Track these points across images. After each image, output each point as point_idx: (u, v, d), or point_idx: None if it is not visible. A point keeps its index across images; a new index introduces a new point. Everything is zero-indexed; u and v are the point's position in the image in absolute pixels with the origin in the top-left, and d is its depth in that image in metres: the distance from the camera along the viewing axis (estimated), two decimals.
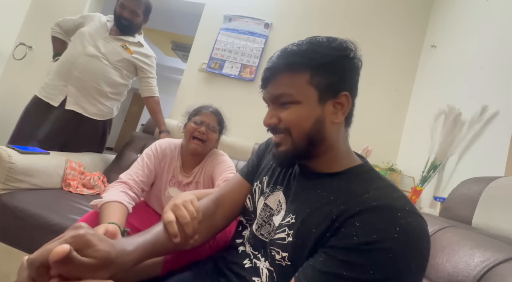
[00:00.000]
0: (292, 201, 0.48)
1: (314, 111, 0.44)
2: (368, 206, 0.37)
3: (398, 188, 0.42)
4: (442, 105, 1.11)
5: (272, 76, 0.46)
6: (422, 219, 0.37)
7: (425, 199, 1.15)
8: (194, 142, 0.89)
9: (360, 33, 1.76)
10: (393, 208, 0.36)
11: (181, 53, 4.08)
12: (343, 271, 0.34)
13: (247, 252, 0.51)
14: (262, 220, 0.51)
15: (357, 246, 0.34)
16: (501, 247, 0.42)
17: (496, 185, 0.57)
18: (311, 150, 0.45)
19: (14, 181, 0.99)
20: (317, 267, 0.36)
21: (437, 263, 0.46)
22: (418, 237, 0.35)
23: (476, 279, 0.38)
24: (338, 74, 0.44)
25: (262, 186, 0.55)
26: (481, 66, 1.06)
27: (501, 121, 0.87)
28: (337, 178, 0.45)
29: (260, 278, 0.46)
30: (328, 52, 0.44)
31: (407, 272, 0.33)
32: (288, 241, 0.43)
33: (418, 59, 1.68)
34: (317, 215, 0.41)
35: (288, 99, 0.44)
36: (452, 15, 1.44)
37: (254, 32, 1.84)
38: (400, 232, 0.33)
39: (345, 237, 0.36)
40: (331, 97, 0.44)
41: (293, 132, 0.45)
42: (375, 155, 1.33)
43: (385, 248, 0.33)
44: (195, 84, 1.86)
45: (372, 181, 0.42)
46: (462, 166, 1.01)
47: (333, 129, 0.45)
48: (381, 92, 1.70)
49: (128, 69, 1.45)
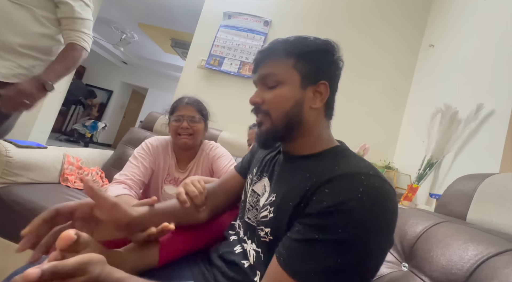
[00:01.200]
0: (274, 183, 0.52)
1: (295, 93, 0.49)
2: (336, 174, 0.40)
3: (368, 162, 0.45)
4: (439, 104, 1.12)
5: (263, 58, 0.52)
6: (386, 182, 0.40)
7: (421, 196, 1.16)
8: (182, 137, 0.89)
9: (359, 31, 1.76)
10: (357, 173, 0.40)
11: (180, 51, 4.06)
12: (315, 235, 0.36)
13: (238, 239, 0.55)
14: (250, 205, 0.55)
15: (326, 209, 0.37)
16: (494, 241, 0.42)
17: (491, 182, 0.58)
18: (289, 131, 0.50)
19: (11, 175, 0.99)
20: (293, 237, 0.39)
21: (431, 257, 0.46)
22: (381, 196, 0.37)
23: (469, 272, 0.39)
24: (319, 64, 0.50)
25: (252, 176, 0.60)
26: (477, 65, 1.07)
27: (496, 119, 0.88)
28: (313, 159, 0.49)
29: (249, 260, 0.49)
30: (313, 45, 0.50)
31: (373, 229, 0.36)
32: (270, 217, 0.47)
33: (416, 58, 1.69)
34: (293, 191, 0.44)
35: (275, 78, 0.49)
36: (450, 15, 1.45)
37: (254, 30, 1.84)
38: (363, 192, 0.36)
39: (316, 203, 0.39)
40: (312, 83, 0.49)
41: (272, 114, 0.49)
42: (372, 152, 1.34)
43: (350, 207, 0.36)
44: (194, 81, 1.86)
45: (344, 157, 0.47)
46: (457, 164, 1.02)
47: (311, 114, 0.50)
48: (379, 91, 1.71)
49: (43, 7, 0.93)
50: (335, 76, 0.52)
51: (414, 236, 0.54)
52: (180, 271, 0.52)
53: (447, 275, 0.41)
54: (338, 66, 0.52)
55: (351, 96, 1.73)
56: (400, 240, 0.57)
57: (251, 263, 0.48)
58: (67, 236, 0.32)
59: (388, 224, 0.38)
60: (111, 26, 3.64)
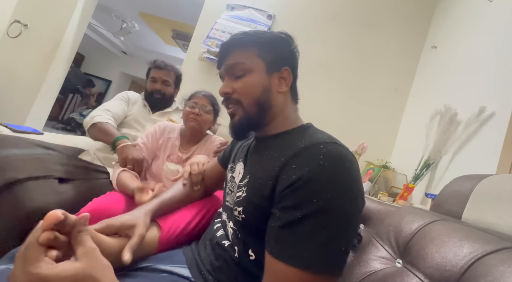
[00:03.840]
0: (247, 165, 0.55)
1: (262, 80, 0.52)
2: (299, 148, 0.43)
3: (329, 134, 0.48)
4: (438, 106, 1.12)
5: (228, 50, 0.54)
6: (343, 147, 0.43)
7: (416, 195, 1.17)
8: (191, 121, 0.98)
9: (362, 31, 1.75)
10: (316, 143, 0.43)
11: (181, 42, 4.01)
12: (296, 214, 0.38)
13: (221, 223, 0.58)
14: (229, 190, 0.59)
15: (296, 183, 0.39)
16: (489, 239, 0.43)
17: (488, 182, 0.59)
18: (261, 116, 0.53)
19: None
20: (277, 224, 0.40)
21: (426, 254, 0.47)
22: (339, 158, 0.41)
23: (464, 269, 0.39)
24: (280, 52, 0.54)
25: (230, 164, 0.65)
26: (480, 68, 1.06)
27: (495, 121, 0.89)
28: (281, 137, 0.52)
29: (229, 240, 0.51)
30: (271, 35, 0.55)
31: (342, 189, 0.39)
32: (243, 197, 0.49)
33: (418, 59, 1.69)
34: (263, 170, 0.48)
35: (242, 67, 0.52)
36: (454, 16, 1.44)
37: (257, 21, 1.81)
38: (324, 158, 0.40)
39: (286, 180, 0.41)
40: (276, 70, 0.53)
41: (243, 101, 0.52)
42: (370, 151, 1.34)
43: (315, 175, 0.39)
44: (195, 73, 1.84)
45: (308, 133, 0.50)
46: (454, 165, 1.03)
47: (279, 98, 0.54)
48: (380, 91, 1.70)
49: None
50: (295, 63, 0.57)
51: (410, 233, 0.55)
52: (175, 256, 0.54)
53: (441, 271, 0.42)
54: (296, 55, 0.57)
55: (352, 94, 1.72)
56: (395, 237, 0.57)
57: (230, 241, 0.51)
58: (53, 215, 0.31)
59: (354, 182, 0.40)
60: (112, 14, 3.58)
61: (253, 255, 0.48)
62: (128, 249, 0.45)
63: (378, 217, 0.73)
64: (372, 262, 0.56)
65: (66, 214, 0.32)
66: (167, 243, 0.56)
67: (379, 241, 0.60)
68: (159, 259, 0.51)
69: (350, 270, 0.58)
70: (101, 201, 0.74)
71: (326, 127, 0.53)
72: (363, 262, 0.58)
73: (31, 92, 1.89)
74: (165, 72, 1.27)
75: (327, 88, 1.75)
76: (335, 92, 1.75)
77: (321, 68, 1.75)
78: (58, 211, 0.31)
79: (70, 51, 2.01)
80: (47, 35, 1.92)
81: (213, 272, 0.49)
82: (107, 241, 0.45)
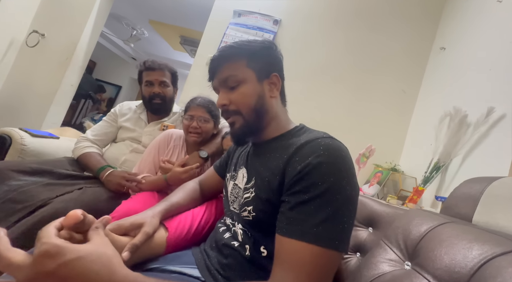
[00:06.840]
0: (251, 169, 0.58)
1: (256, 88, 0.56)
2: (299, 144, 0.49)
3: (323, 131, 0.53)
4: (448, 107, 1.11)
5: (218, 66, 0.58)
6: (337, 140, 0.49)
7: (426, 199, 1.15)
8: (191, 135, 0.98)
9: (369, 33, 1.75)
10: (314, 138, 0.49)
11: (189, 48, 4.09)
12: (305, 196, 0.43)
13: (226, 227, 0.60)
14: (233, 197, 0.61)
15: (302, 171, 0.45)
16: (500, 241, 0.42)
17: (499, 184, 0.58)
18: (260, 121, 0.57)
19: None
20: (286, 208, 0.45)
21: (435, 255, 0.46)
22: (337, 149, 0.47)
23: (473, 270, 0.39)
24: (267, 60, 0.58)
25: (231, 173, 0.67)
26: (490, 69, 1.05)
27: (506, 123, 0.87)
28: (280, 139, 0.57)
29: (238, 241, 0.53)
30: (256, 45, 0.58)
31: (342, 174, 0.44)
32: (252, 197, 0.53)
33: (427, 61, 1.67)
34: (269, 169, 0.51)
35: (235, 79, 0.56)
36: (463, 17, 1.43)
37: (263, 28, 1.85)
38: (323, 149, 0.46)
39: (293, 171, 0.46)
40: (265, 77, 0.58)
41: (242, 111, 0.56)
42: (378, 154, 1.33)
43: (318, 162, 0.44)
44: (202, 78, 1.87)
45: (304, 132, 0.55)
46: (464, 167, 1.01)
47: (272, 102, 0.58)
48: (388, 93, 1.69)
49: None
50: (281, 67, 0.61)
51: (418, 235, 0.54)
52: (185, 257, 0.55)
53: (450, 273, 0.42)
54: (281, 59, 0.61)
55: (359, 96, 1.72)
56: (403, 239, 0.57)
57: (240, 241, 0.53)
58: (74, 215, 0.34)
59: (350, 168, 0.46)
60: (122, 22, 3.69)
61: (265, 252, 0.50)
62: (130, 246, 0.47)
63: (387, 219, 0.72)
64: (380, 264, 0.56)
65: (85, 214, 0.36)
66: (175, 244, 0.57)
67: (388, 244, 0.60)
68: (168, 260, 0.53)
69: (359, 272, 0.58)
70: (131, 203, 0.78)
71: (334, 131, 0.55)
72: (372, 264, 0.58)
73: (47, 98, 1.98)
74: (159, 73, 1.16)
75: (334, 91, 1.75)
76: (343, 96, 1.74)
77: (328, 71, 1.76)
78: (78, 211, 0.34)
79: (83, 59, 2.09)
80: (63, 44, 2.00)
81: (221, 271, 0.50)
82: (118, 240, 0.47)
